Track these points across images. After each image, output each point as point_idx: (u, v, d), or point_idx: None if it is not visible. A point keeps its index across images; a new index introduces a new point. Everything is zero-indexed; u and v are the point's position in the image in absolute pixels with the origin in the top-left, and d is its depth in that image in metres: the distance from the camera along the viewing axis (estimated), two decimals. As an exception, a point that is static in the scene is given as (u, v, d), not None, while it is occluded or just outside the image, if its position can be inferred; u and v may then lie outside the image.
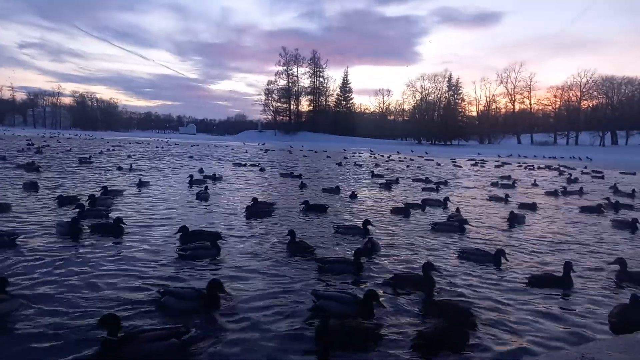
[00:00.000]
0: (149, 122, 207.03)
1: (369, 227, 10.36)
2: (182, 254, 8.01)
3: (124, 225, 9.47)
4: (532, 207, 15.51)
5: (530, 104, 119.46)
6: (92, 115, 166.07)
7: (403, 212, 13.34)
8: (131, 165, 25.27)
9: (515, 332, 5.32)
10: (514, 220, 12.61)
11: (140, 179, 18.10)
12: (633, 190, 20.83)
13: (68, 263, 7.25)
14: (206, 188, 16.04)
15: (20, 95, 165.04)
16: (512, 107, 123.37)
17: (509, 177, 27.71)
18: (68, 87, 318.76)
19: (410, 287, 6.72)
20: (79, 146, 47.85)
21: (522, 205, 15.66)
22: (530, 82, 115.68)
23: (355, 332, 4.98)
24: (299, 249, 8.53)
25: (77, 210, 10.87)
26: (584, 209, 15.37)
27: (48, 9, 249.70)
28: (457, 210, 13.60)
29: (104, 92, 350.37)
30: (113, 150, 42.98)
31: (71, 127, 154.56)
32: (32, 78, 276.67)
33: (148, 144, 65.19)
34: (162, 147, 54.63)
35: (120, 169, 23.97)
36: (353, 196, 16.86)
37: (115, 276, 6.76)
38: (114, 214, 10.95)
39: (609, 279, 7.63)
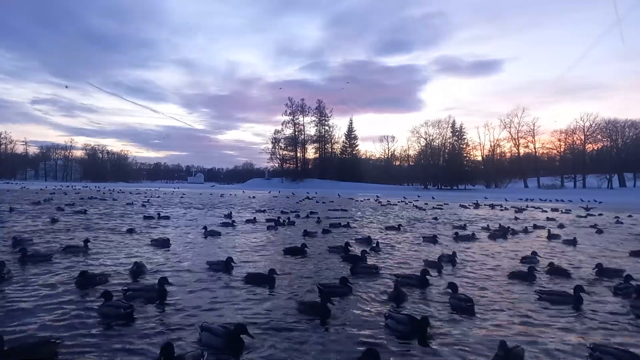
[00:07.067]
0: (158, 172, 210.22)
1: (582, 294, 8.71)
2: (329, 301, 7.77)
3: None
4: None
5: (534, 148, 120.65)
6: (102, 167, 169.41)
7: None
8: (159, 214, 25.55)
9: None
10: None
11: (206, 227, 18.68)
12: None
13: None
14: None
15: (33, 150, 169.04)
16: (517, 151, 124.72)
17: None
18: (80, 141, 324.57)
19: None
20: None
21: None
22: (534, 126, 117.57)
23: None
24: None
25: None
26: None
27: (63, 68, 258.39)
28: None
29: (115, 145, 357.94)
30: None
31: (81, 179, 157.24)
32: (44, 133, 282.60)
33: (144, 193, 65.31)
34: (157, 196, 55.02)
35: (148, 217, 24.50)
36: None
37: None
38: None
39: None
